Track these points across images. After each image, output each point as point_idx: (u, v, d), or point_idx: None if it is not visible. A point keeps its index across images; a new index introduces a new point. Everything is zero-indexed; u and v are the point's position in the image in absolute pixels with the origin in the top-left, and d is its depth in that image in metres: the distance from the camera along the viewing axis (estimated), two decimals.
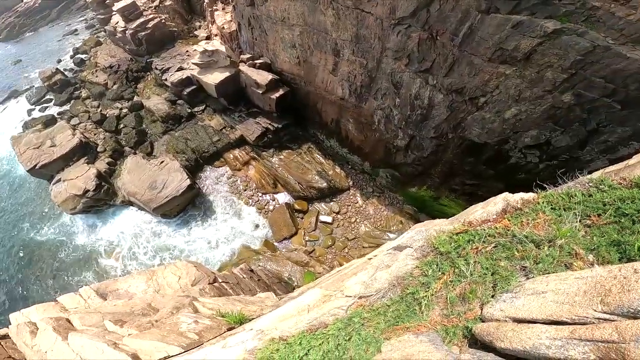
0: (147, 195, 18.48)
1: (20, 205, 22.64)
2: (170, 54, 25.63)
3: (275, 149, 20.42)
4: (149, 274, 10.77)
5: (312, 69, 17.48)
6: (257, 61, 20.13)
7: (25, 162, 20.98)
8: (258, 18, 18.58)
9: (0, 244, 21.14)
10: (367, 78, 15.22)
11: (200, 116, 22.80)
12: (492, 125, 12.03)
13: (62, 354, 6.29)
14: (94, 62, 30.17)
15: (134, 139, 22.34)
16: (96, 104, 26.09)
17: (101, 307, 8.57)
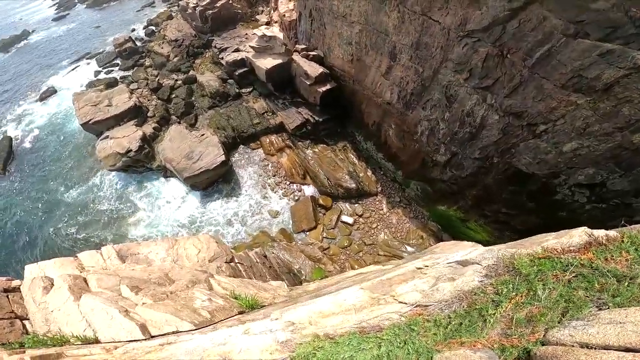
0: (182, 164, 19.14)
1: (62, 159, 24.34)
2: (230, 35, 26.44)
3: (311, 141, 20.26)
4: (170, 243, 10.66)
5: (364, 69, 17.08)
6: (310, 53, 20.12)
7: (81, 116, 22.60)
8: (320, 11, 18.51)
9: (33, 192, 22.80)
10: (419, 86, 14.52)
11: (246, 97, 23.30)
12: (545, 157, 10.98)
13: (68, 316, 6.09)
14: (162, 35, 31.92)
15: (181, 109, 23.32)
16: (155, 73, 27.62)
17: (119, 270, 8.44)
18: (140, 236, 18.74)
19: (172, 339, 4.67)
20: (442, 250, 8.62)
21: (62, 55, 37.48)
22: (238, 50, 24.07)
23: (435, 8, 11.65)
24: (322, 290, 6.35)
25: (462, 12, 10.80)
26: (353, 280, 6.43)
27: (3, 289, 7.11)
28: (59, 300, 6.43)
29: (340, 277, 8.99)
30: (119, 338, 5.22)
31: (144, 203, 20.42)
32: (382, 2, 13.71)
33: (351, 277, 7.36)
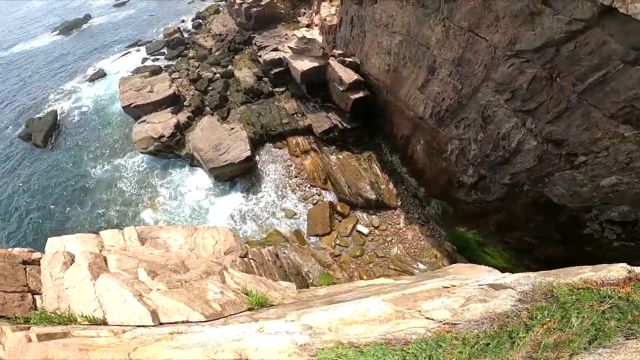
0: (209, 155, 19.65)
1: (99, 138, 25.76)
2: (271, 34, 27.00)
3: (337, 147, 20.13)
4: (190, 231, 10.63)
5: (400, 80, 16.77)
6: (347, 59, 20.08)
7: (124, 99, 23.86)
8: (361, 18, 18.45)
9: (66, 166, 24.19)
10: (455, 103, 14.01)
11: (278, 96, 23.65)
12: (580, 189, 10.34)
13: (82, 294, 5.98)
14: (208, 28, 33.27)
15: (216, 102, 24.04)
16: (197, 65, 28.74)
17: (138, 253, 8.37)
18: (159, 220, 19.34)
19: (182, 329, 4.62)
20: (456, 271, 8.33)
21: (116, 40, 39.95)
22: (276, 50, 24.53)
23: (484, 25, 11.19)
24: (334, 297, 6.15)
25: (514, 31, 10.29)
26: (368, 291, 6.28)
27: (22, 261, 7.00)
28: (76, 277, 6.34)
29: (350, 286, 8.72)
30: (128, 322, 5.18)
31: (166, 188, 21.13)
32: (427, 16, 13.40)
33: (363, 288, 7.11)
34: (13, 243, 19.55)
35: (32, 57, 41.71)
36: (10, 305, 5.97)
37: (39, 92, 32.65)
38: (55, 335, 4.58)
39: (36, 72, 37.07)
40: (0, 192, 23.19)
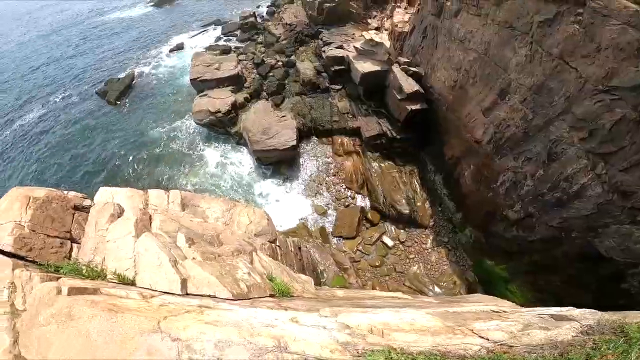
0: (257, 137, 20.23)
1: (164, 103, 27.78)
2: (338, 32, 26.98)
3: (381, 154, 19.58)
4: (228, 205, 10.46)
5: (464, 99, 15.76)
6: (411, 68, 19.36)
7: (193, 73, 25.46)
8: (436, 29, 17.63)
9: (130, 124, 26.33)
10: (521, 133, 12.82)
11: (333, 94, 23.57)
12: (634, 246, 9.39)
13: (120, 250, 5.82)
14: (280, 17, 34.25)
15: (273, 88, 24.67)
16: (263, 50, 29.76)
17: (179, 217, 8.23)
18: (198, 187, 20.27)
19: (210, 303, 4.52)
20: (479, 300, 7.94)
21: (199, 17, 42.83)
22: (341, 48, 24.44)
23: (580, 54, 10.00)
24: (360, 302, 5.87)
25: (613, 64, 9.06)
26: (395, 303, 6.13)
27: (74, 205, 6.71)
28: (120, 231, 6.14)
29: (370, 294, 8.38)
30: (157, 287, 5.01)
31: (211, 159, 22.27)
32: (513, 37, 12.36)
33: (385, 298, 6.74)
34: (64, 187, 21.27)
35: (126, 24, 46.29)
36: (48, 251, 5.74)
37: (124, 56, 36.23)
38: (85, 291, 4.56)
39: (125, 38, 41.14)
40: (64, 139, 26.03)
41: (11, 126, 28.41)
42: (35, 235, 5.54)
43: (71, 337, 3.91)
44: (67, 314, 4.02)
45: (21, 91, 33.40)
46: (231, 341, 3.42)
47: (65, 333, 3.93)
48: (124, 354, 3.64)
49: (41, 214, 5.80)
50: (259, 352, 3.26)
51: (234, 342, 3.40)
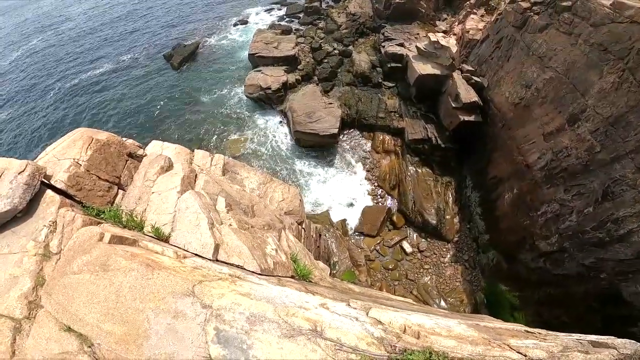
0: (300, 118, 20.37)
1: (220, 72, 29.02)
2: (402, 29, 25.85)
3: (420, 160, 18.90)
4: (266, 179, 10.42)
5: (526, 119, 14.55)
6: (474, 77, 18.08)
7: (253, 48, 26.24)
8: (514, 42, 16.30)
9: (186, 86, 27.67)
10: (580, 166, 11.64)
11: (384, 90, 23.01)
12: None
13: (162, 203, 5.69)
14: (345, 5, 33.38)
15: (325, 74, 24.49)
16: (322, 36, 29.42)
17: (222, 181, 8.10)
18: (236, 155, 20.88)
19: (239, 274, 4.39)
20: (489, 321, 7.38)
21: None
22: (402, 46, 23.45)
23: None
24: (376, 299, 5.71)
25: None
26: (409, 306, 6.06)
27: (129, 153, 6.79)
28: (166, 185, 6.05)
29: (384, 295, 8.18)
30: (189, 248, 4.90)
31: (252, 130, 23.03)
32: (604, 61, 11.11)
33: (401, 302, 6.56)
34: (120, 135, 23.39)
35: None
36: (95, 193, 5.75)
37: (194, 25, 37.94)
38: (125, 241, 4.52)
39: (198, 9, 42.83)
40: (126, 92, 28.25)
41: (81, 76, 31.40)
42: (89, 175, 5.67)
43: (100, 289, 3.84)
44: (103, 263, 3.93)
45: (98, 48, 36.46)
46: (265, 317, 3.34)
47: (95, 285, 3.89)
48: (148, 316, 3.55)
49: (99, 156, 5.98)
50: (292, 332, 3.19)
51: (268, 319, 3.32)
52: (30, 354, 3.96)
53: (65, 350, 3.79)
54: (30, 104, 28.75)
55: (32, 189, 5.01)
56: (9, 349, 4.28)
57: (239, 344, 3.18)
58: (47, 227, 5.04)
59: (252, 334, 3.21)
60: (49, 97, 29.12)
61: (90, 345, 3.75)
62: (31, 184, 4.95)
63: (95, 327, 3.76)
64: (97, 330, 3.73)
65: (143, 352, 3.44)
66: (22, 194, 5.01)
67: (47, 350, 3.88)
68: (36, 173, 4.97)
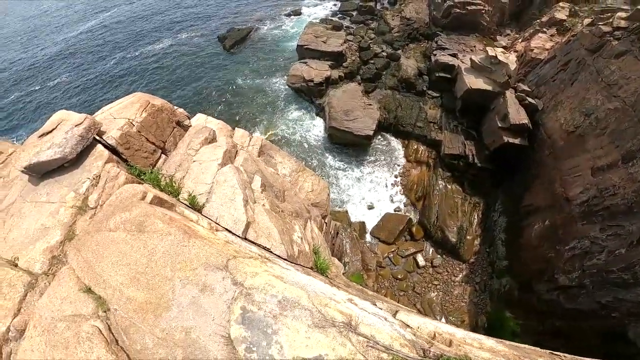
0: (337, 115, 20.43)
1: (266, 59, 29.77)
2: (458, 40, 24.75)
3: (452, 175, 18.25)
4: (299, 167, 10.46)
5: (577, 150, 13.60)
6: (529, 99, 17.00)
7: (302, 40, 26.57)
8: (583, 65, 15.32)
9: (233, 68, 28.83)
10: (624, 207, 10.81)
11: (427, 99, 22.35)
12: None
13: (201, 173, 5.79)
14: (401, 8, 32.65)
15: (369, 75, 24.23)
16: (372, 37, 28.96)
17: (258, 161, 8.23)
18: (270, 138, 21.24)
19: (267, 255, 4.35)
20: None
21: None
22: (454, 56, 22.50)
23: None
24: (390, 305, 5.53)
25: None
26: None
27: (177, 121, 7.06)
28: (208, 156, 6.18)
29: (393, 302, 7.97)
30: (222, 221, 4.87)
31: (289, 118, 23.52)
32: None
33: None
34: None
35: None
36: (140, 154, 5.98)
37: (250, 12, 39.04)
38: (165, 203, 4.52)
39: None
40: (178, 65, 30.28)
41: (142, 49, 33.98)
42: (138, 136, 5.92)
43: (132, 251, 3.70)
44: (140, 223, 3.84)
45: (160, 25, 38.87)
46: (299, 303, 3.18)
47: (129, 245, 3.74)
48: (174, 286, 3.41)
49: (151, 120, 6.25)
50: (324, 323, 3.04)
51: (302, 306, 3.16)
52: (40, 313, 3.82)
53: (78, 313, 3.66)
54: (95, 69, 31.75)
55: (84, 141, 5.33)
56: (14, 306, 4.17)
57: (264, 327, 3.05)
58: (90, 180, 5.15)
59: (281, 319, 3.08)
60: (111, 64, 32.01)
61: (106, 310, 3.63)
62: (85, 137, 5.28)
63: (116, 290, 3.64)
64: (118, 295, 3.62)
65: (159, 324, 3.32)
66: (74, 145, 5.28)
67: (59, 311, 3.75)
68: (92, 127, 5.33)
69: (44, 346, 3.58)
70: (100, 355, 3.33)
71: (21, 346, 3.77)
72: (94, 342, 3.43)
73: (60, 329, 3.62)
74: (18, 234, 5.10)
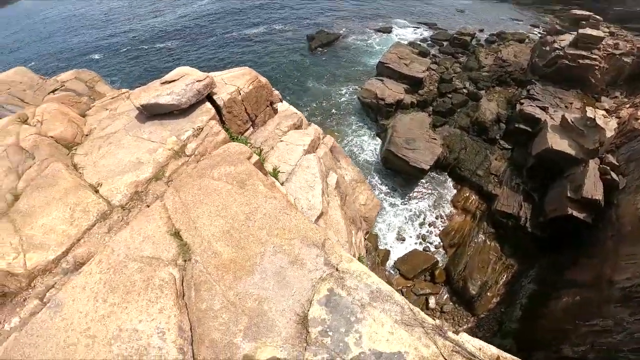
0: (398, 140, 21.66)
1: (343, 68, 32.11)
2: (554, 92, 24.27)
3: (495, 232, 18.24)
4: (359, 178, 10.85)
5: None
6: (612, 174, 16.54)
7: (384, 58, 28.59)
8: None
9: (310, 69, 31.58)
10: None
11: (495, 148, 22.78)
12: None
13: (286, 154, 6.17)
14: (498, 49, 33.07)
15: (442, 109, 25.21)
16: (457, 71, 29.79)
17: (333, 159, 8.68)
18: None
19: None
20: None
21: (420, 13, 45.07)
22: (544, 109, 22.08)
23: None
24: None
25: None
26: None
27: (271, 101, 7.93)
28: (296, 140, 6.68)
29: None
30: (296, 203, 5.05)
31: (349, 128, 25.18)
32: None
33: None
34: None
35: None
36: (236, 121, 6.79)
37: (343, 19, 43.12)
38: (262, 169, 4.82)
39: (352, 6, 47.64)
40: (265, 52, 34.69)
41: (240, 31, 39.95)
42: (240, 105, 6.66)
43: (235, 204, 3.68)
44: (242, 181, 3.87)
45: (258, 15, 44.96)
46: (392, 298, 3.14)
47: (232, 197, 3.74)
48: (265, 251, 3.44)
49: (254, 93, 7.19)
50: (412, 322, 3.01)
51: (394, 301, 3.12)
52: (114, 247, 3.69)
53: (157, 257, 3.54)
54: (195, 41, 38.97)
55: (199, 96, 6.42)
56: (77, 235, 4.09)
57: (347, 314, 3.01)
58: (193, 130, 5.77)
59: (368, 309, 3.03)
60: (210, 40, 38.84)
61: (186, 260, 3.54)
62: (201, 92, 6.37)
63: (205, 241, 3.57)
64: (205, 246, 3.56)
65: (236, 286, 3.26)
66: (190, 96, 6.35)
67: (137, 250, 3.61)
68: (209, 85, 6.43)
69: (101, 286, 3.38)
70: (164, 307, 3.19)
71: (70, 282, 3.53)
72: (164, 292, 3.27)
73: (131, 270, 3.48)
74: (110, 162, 5.42)
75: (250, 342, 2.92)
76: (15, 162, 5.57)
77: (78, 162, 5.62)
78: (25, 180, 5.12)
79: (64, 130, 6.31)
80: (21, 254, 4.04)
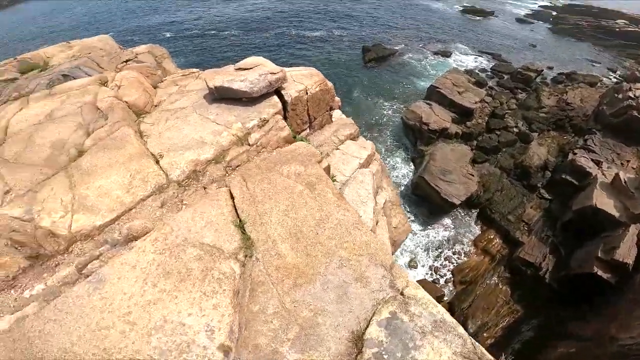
0: (434, 170, 21.23)
1: (394, 87, 32.20)
2: (612, 146, 22.28)
3: (511, 278, 17.63)
4: (395, 200, 10.62)
5: None
6: None
7: (437, 82, 28.20)
8: None
9: (359, 82, 32.38)
10: None
11: (534, 196, 21.51)
12: None
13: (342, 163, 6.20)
14: (563, 90, 30.98)
15: (487, 145, 25.05)
16: (513, 107, 28.99)
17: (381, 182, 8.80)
18: None
19: None
20: None
21: (486, 42, 44.05)
22: (597, 164, 21.14)
23: None
24: None
25: None
26: None
27: (331, 106, 8.10)
28: (352, 151, 6.65)
29: None
30: None
31: (385, 147, 25.30)
32: None
33: None
34: None
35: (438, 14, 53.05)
36: (296, 120, 6.91)
37: (403, 36, 43.51)
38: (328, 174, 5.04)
39: (415, 24, 48.11)
40: (317, 58, 35.89)
41: (297, 31, 42.24)
42: (304, 104, 6.75)
43: (306, 208, 3.58)
44: (311, 183, 3.77)
45: (322, 18, 47.07)
46: (455, 329, 3.08)
47: (304, 199, 3.61)
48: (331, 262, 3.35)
49: (319, 95, 7.31)
50: (472, 356, 2.96)
51: (457, 333, 3.06)
52: (174, 226, 3.46)
53: (219, 247, 3.37)
54: (260, 36, 41.17)
55: (270, 88, 6.78)
56: (130, 204, 3.84)
57: (407, 339, 2.97)
58: (258, 120, 5.85)
59: (429, 338, 2.97)
60: (268, 35, 41.21)
61: (247, 255, 3.40)
62: (273, 85, 6.74)
63: (270, 240, 3.46)
64: (269, 245, 3.44)
65: (294, 293, 3.15)
66: (262, 87, 6.69)
67: (197, 234, 3.41)
68: (281, 80, 6.80)
69: (154, 268, 3.14)
70: (219, 303, 3.01)
71: (119, 257, 3.31)
72: (222, 287, 3.10)
73: (189, 256, 3.27)
74: (174, 135, 5.54)
75: (296, 354, 2.83)
76: (88, 120, 5.85)
77: (144, 130, 5.87)
78: (93, 138, 5.29)
79: (138, 97, 6.71)
80: (69, 213, 3.82)
